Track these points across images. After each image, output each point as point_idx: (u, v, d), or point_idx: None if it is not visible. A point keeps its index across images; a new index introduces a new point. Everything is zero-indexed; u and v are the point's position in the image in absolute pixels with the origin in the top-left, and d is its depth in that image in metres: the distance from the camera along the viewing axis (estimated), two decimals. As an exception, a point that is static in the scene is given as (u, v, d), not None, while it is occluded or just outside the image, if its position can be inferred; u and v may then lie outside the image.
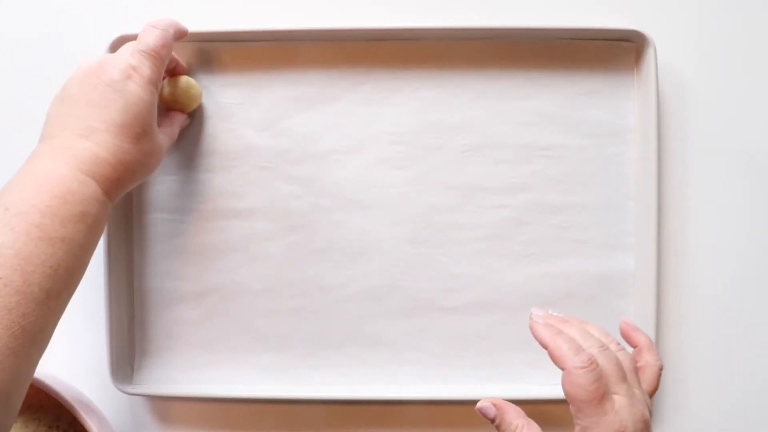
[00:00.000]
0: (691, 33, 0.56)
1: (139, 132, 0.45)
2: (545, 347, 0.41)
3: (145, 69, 0.46)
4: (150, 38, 0.47)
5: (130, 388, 0.54)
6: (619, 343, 0.43)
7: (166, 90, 0.53)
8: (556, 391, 0.53)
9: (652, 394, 0.43)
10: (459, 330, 0.55)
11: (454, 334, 0.55)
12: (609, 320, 0.54)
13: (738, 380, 0.55)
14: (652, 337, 0.52)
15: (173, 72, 0.53)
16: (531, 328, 0.43)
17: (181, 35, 0.51)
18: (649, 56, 0.53)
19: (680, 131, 0.55)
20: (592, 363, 0.39)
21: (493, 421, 0.42)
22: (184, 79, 0.53)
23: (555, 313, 0.45)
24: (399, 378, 0.55)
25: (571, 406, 0.39)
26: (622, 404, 0.39)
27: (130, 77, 0.45)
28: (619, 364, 0.40)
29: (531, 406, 0.55)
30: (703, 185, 0.55)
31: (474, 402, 0.53)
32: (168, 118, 0.52)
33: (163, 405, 0.56)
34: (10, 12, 0.57)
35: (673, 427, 0.56)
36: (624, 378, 0.40)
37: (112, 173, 0.44)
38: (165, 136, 0.50)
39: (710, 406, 0.56)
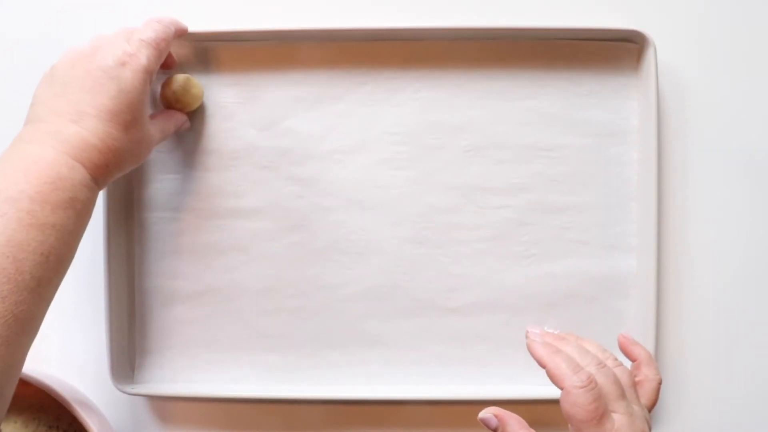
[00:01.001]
0: (692, 33, 0.56)
1: (129, 120, 0.45)
2: (543, 366, 0.41)
3: (142, 58, 0.45)
4: (151, 30, 0.47)
5: (129, 388, 0.54)
6: (616, 359, 0.43)
7: (168, 88, 0.53)
8: (555, 392, 0.53)
9: (651, 408, 0.43)
10: (460, 330, 0.55)
11: (455, 334, 0.55)
12: (610, 321, 0.54)
13: (738, 380, 0.56)
14: (653, 337, 0.53)
15: (163, 65, 0.53)
16: (528, 347, 0.42)
17: (180, 33, 0.51)
18: (649, 56, 0.53)
19: (681, 131, 0.56)
20: (591, 382, 0.39)
21: (495, 431, 0.42)
22: (186, 78, 0.53)
23: (551, 330, 0.45)
24: (399, 378, 0.55)
25: (570, 426, 0.39)
26: (621, 423, 0.38)
27: (124, 64, 0.45)
28: (617, 382, 0.40)
29: (531, 406, 0.55)
30: (703, 185, 0.55)
31: (474, 402, 0.54)
32: (164, 113, 0.52)
33: (163, 405, 0.56)
34: (10, 12, 0.57)
35: (673, 427, 0.56)
36: (623, 395, 0.40)
37: (101, 159, 0.43)
38: (157, 129, 0.49)
39: (710, 406, 0.56)
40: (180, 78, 0.53)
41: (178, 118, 0.53)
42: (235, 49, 0.55)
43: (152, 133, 0.48)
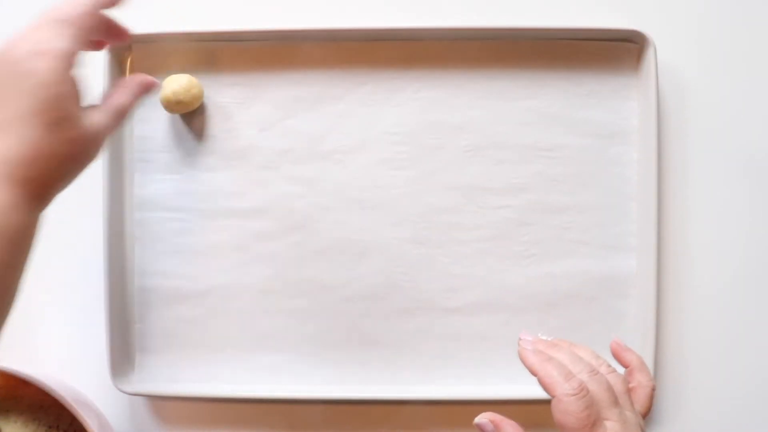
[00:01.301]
0: (692, 33, 0.56)
1: (54, 117, 0.37)
2: (534, 374, 0.41)
3: (59, 41, 0.38)
4: (70, 6, 0.39)
5: (129, 388, 0.54)
6: (609, 365, 0.42)
7: (168, 88, 0.53)
8: (556, 392, 0.53)
9: (645, 414, 0.42)
10: (460, 330, 0.55)
11: (455, 334, 0.55)
12: (610, 321, 0.54)
13: (738, 380, 0.56)
14: (653, 337, 0.53)
15: (115, 38, 0.45)
16: (520, 354, 0.42)
17: (110, 3, 0.42)
18: (649, 56, 0.53)
19: (681, 131, 0.56)
20: (582, 389, 0.38)
21: None
22: (186, 78, 0.53)
23: (544, 337, 0.44)
24: (399, 378, 0.55)
25: None
26: (614, 430, 0.38)
27: (40, 54, 0.37)
28: (610, 389, 0.40)
29: (531, 407, 0.55)
30: (703, 185, 0.55)
31: (474, 402, 0.54)
32: (117, 88, 0.44)
33: (163, 404, 0.56)
34: (10, 12, 0.57)
35: (673, 427, 0.56)
36: (615, 402, 0.39)
37: (32, 171, 0.36)
38: (106, 114, 0.41)
39: (710, 406, 0.56)
40: (180, 78, 0.53)
41: (136, 85, 0.44)
42: (235, 49, 0.55)
43: (97, 125, 0.40)
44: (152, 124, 0.55)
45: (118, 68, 0.54)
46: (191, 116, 0.55)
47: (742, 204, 0.55)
